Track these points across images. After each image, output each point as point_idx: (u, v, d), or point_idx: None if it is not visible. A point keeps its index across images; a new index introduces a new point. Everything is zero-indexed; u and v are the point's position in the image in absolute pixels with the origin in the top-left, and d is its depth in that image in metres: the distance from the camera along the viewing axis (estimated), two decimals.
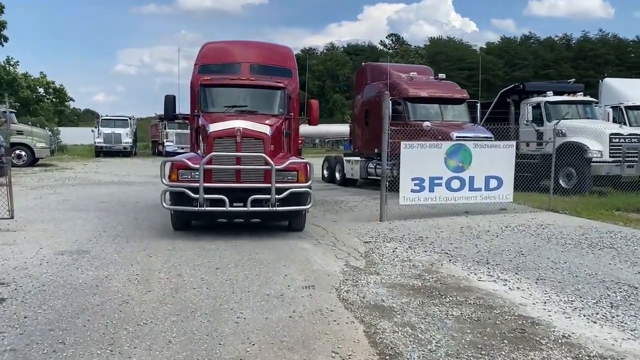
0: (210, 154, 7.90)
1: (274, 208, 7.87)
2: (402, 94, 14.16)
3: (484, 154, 10.14)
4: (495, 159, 10.21)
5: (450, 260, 6.91)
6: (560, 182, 13.90)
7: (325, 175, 18.92)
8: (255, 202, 7.87)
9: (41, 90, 49.26)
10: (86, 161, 30.22)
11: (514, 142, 10.69)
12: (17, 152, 23.91)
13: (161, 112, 40.11)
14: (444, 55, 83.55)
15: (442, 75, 15.08)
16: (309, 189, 8.16)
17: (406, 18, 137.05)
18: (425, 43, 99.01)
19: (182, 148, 36.27)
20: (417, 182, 9.84)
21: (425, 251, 7.41)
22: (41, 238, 7.98)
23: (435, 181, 9.93)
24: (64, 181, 17.60)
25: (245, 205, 7.84)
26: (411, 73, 14.98)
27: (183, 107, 10.52)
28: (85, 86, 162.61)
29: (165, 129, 38.03)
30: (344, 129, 55.37)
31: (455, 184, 10.05)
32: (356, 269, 6.44)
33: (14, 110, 27.85)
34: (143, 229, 8.97)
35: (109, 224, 9.41)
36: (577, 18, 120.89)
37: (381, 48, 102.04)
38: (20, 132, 24.24)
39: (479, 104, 14.88)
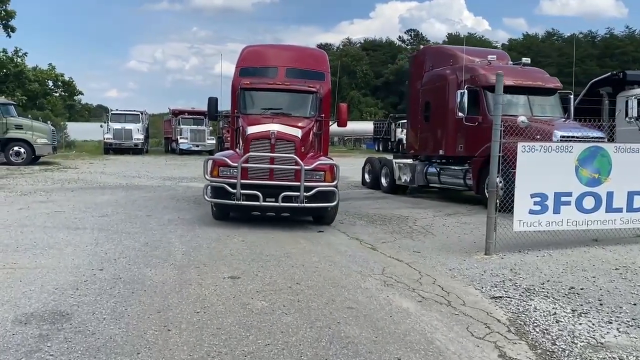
0: (248, 154, 8.60)
1: (302, 204, 8.44)
2: (481, 81, 11.32)
3: (627, 161, 7.30)
4: None
5: None
6: None
7: (367, 180, 16.10)
8: (286, 199, 8.45)
9: (50, 82, 46.72)
10: (93, 159, 27.64)
11: None
12: (16, 148, 21.41)
13: (174, 106, 36.59)
14: None
15: (526, 60, 12.10)
16: (335, 188, 8.68)
17: (418, 16, 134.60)
18: (444, 40, 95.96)
19: (197, 145, 33.74)
20: (538, 199, 7.03)
21: (609, 321, 4.60)
22: (4, 284, 5.29)
23: (562, 199, 7.13)
24: (63, 184, 14.97)
25: (276, 201, 8.46)
26: (489, 57, 12.10)
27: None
28: (97, 82, 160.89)
29: (179, 124, 35.40)
30: (365, 127, 52.73)
31: (589, 202, 7.23)
32: None
33: (13, 102, 25.28)
34: (156, 264, 6.26)
35: (109, 254, 6.72)
36: (590, 17, 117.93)
37: (399, 44, 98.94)
38: (19, 127, 21.76)
39: (572, 96, 11.98)
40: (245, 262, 6.44)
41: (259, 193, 8.39)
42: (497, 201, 6.93)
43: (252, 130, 8.94)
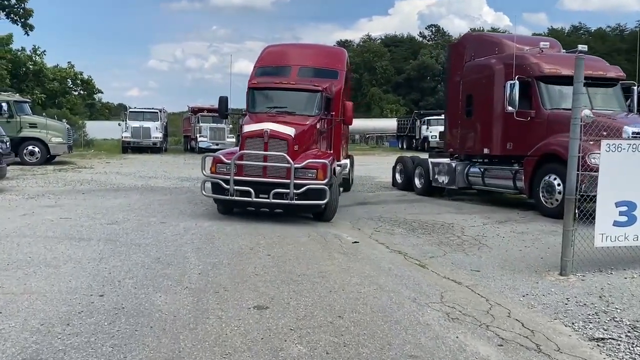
0: (241, 152, 9.02)
1: (292, 201, 8.68)
2: (533, 71, 10.08)
3: None
4: None
5: None
6: None
7: (399, 181, 14.91)
8: (277, 195, 8.69)
9: (69, 81, 46.25)
10: (111, 158, 26.88)
11: None
12: (30, 147, 20.66)
13: (193, 104, 35.70)
14: None
15: (582, 47, 10.71)
16: (325, 187, 8.75)
17: (437, 12, 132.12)
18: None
19: (217, 144, 32.78)
20: (625, 209, 5.84)
21: None
22: None
23: None
24: (75, 186, 14.09)
25: (268, 197, 8.69)
26: (541, 44, 10.79)
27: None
28: (119, 81, 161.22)
29: (198, 122, 34.53)
30: (387, 124, 51.43)
31: None
32: None
33: (28, 100, 24.59)
34: (168, 287, 5.23)
35: (114, 273, 5.70)
36: (612, 12, 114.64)
37: (420, 40, 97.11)
38: (33, 125, 21.02)
39: (636, 88, 10.65)
40: (274, 285, 5.37)
41: (251, 189, 8.70)
42: (577, 211, 5.72)
43: (247, 128, 9.30)
